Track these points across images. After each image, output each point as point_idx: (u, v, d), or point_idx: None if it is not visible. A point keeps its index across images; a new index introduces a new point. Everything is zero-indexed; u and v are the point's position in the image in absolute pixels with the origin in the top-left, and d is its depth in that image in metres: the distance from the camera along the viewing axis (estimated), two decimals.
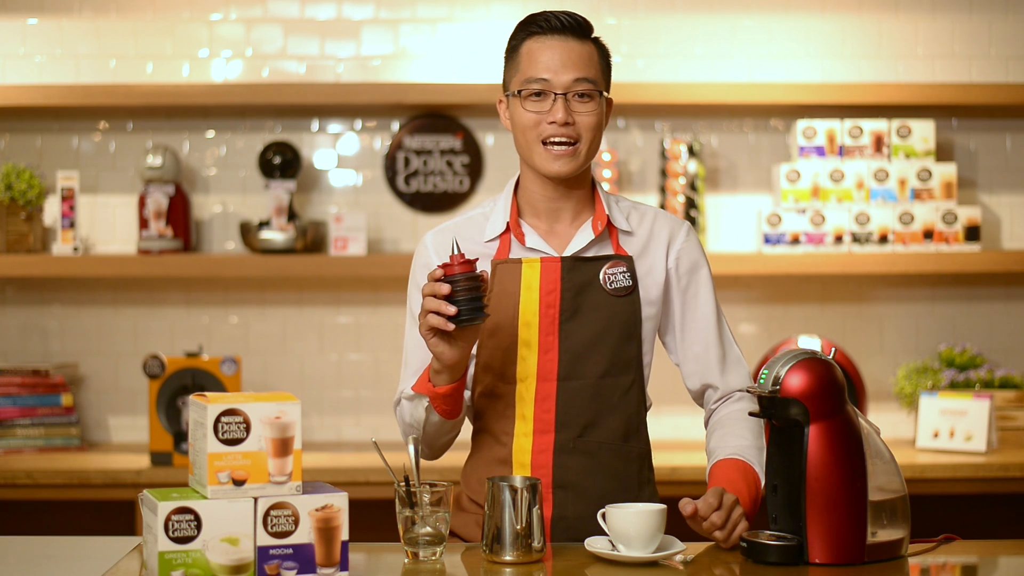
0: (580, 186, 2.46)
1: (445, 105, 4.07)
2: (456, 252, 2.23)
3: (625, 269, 2.43)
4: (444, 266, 2.22)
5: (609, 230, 2.46)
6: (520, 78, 2.40)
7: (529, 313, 2.40)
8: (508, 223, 2.45)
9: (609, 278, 2.42)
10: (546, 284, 2.41)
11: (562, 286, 2.41)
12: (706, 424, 2.55)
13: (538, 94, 2.38)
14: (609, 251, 2.45)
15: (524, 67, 2.40)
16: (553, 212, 2.46)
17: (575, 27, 2.40)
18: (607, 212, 2.45)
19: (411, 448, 2.26)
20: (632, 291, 2.43)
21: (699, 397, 2.56)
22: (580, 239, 2.44)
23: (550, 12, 2.41)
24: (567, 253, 2.43)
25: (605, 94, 2.42)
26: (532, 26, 2.41)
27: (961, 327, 4.25)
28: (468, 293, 2.21)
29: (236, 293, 4.21)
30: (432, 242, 2.51)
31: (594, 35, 2.44)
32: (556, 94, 2.37)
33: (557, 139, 2.38)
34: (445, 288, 2.20)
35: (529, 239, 2.44)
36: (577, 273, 2.41)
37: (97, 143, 4.21)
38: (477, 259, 2.27)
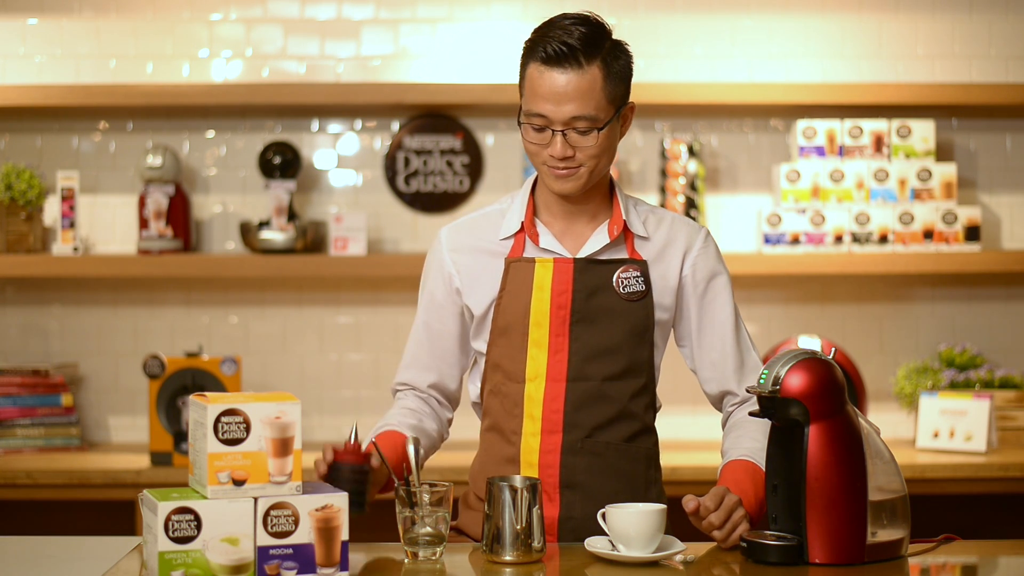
0: (597, 190, 2.44)
1: (445, 105, 4.07)
2: (353, 440, 2.24)
3: (639, 274, 2.42)
4: (335, 451, 2.23)
5: (625, 234, 2.45)
6: (524, 106, 2.36)
7: (540, 313, 2.40)
8: (523, 222, 2.45)
9: (623, 282, 2.41)
10: (558, 285, 2.41)
11: (574, 287, 2.40)
12: (723, 426, 2.55)
13: (539, 128, 2.35)
14: (623, 255, 2.44)
15: (527, 95, 2.35)
16: (570, 213, 2.45)
17: (574, 57, 2.30)
18: (624, 216, 2.44)
19: (411, 448, 2.26)
20: (645, 296, 2.42)
21: (718, 402, 2.56)
22: (595, 242, 2.43)
23: (555, 35, 2.31)
24: (581, 255, 2.43)
25: (604, 127, 2.33)
26: (537, 50, 2.33)
27: (961, 327, 4.25)
28: (350, 485, 2.19)
29: (236, 293, 4.21)
30: (446, 238, 2.51)
31: (603, 49, 2.34)
32: (554, 130, 2.33)
33: (559, 168, 2.37)
34: (323, 469, 2.22)
35: (543, 239, 2.44)
36: (590, 275, 2.41)
37: (97, 143, 4.21)
38: (371, 453, 2.24)
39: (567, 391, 2.40)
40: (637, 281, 2.42)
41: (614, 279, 2.41)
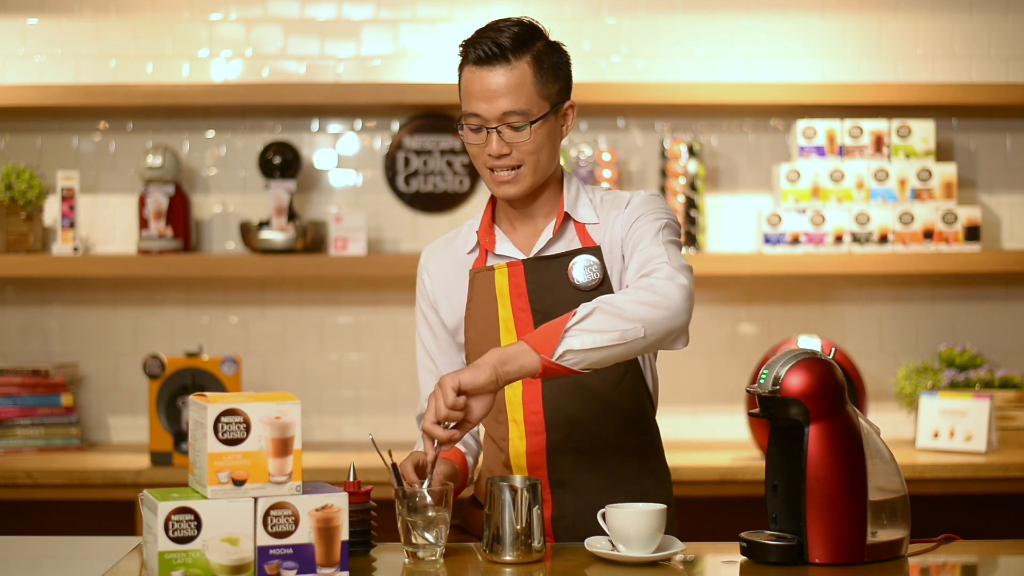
0: (545, 188, 2.44)
1: (445, 105, 4.07)
2: (352, 479, 2.24)
3: (594, 261, 2.40)
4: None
5: (575, 224, 2.44)
6: (462, 109, 2.39)
7: (507, 320, 2.41)
8: (479, 232, 2.46)
9: (577, 273, 2.40)
10: (514, 288, 2.41)
11: (528, 288, 2.41)
12: None
13: (476, 128, 2.37)
14: (576, 245, 2.43)
15: (464, 97, 2.38)
16: (524, 216, 2.46)
17: (502, 55, 2.33)
18: (568, 207, 2.43)
19: (431, 453, 2.23)
20: (602, 283, 2.40)
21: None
22: (542, 239, 2.43)
23: (488, 36, 2.35)
24: (531, 254, 2.43)
25: (537, 121, 2.34)
26: (469, 53, 2.37)
27: (961, 327, 4.25)
28: (354, 527, 2.18)
29: (236, 293, 4.21)
30: (425, 259, 2.55)
31: (534, 47, 2.35)
32: (488, 128, 2.35)
33: (498, 168, 2.38)
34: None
35: (499, 246, 2.45)
36: (541, 273, 2.41)
37: (97, 143, 4.21)
38: (371, 489, 2.24)
39: (543, 391, 2.40)
40: (592, 270, 2.40)
41: (568, 272, 2.40)
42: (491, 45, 2.33)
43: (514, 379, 2.16)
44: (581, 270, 2.40)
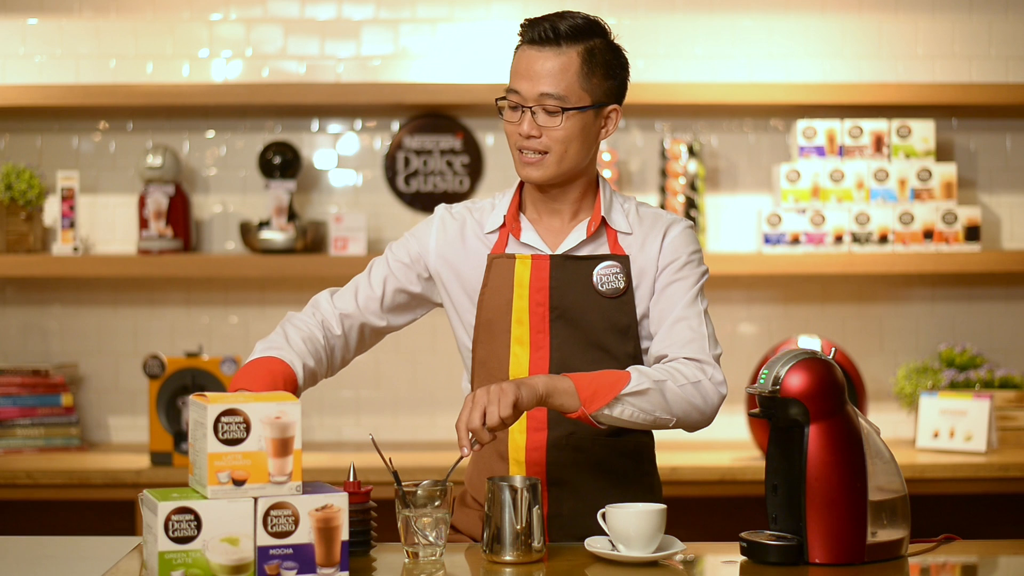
0: (574, 187, 2.44)
1: (445, 105, 4.07)
2: (352, 479, 2.24)
3: (619, 270, 2.41)
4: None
5: (607, 230, 2.45)
6: (508, 86, 2.41)
7: (520, 310, 2.40)
8: (506, 217, 2.45)
9: (602, 279, 2.41)
10: (535, 281, 2.41)
11: (551, 284, 2.40)
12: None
13: (513, 106, 2.39)
14: (604, 250, 2.44)
15: (510, 75, 2.41)
16: (551, 210, 2.46)
17: (552, 40, 2.35)
18: (604, 212, 2.44)
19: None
20: (625, 292, 2.41)
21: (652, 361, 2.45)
22: (573, 238, 2.43)
23: (542, 18, 2.38)
24: (560, 251, 2.43)
25: (572, 109, 2.35)
26: (525, 32, 2.40)
27: (961, 327, 4.25)
28: (354, 527, 2.18)
29: (236, 293, 4.21)
30: (439, 219, 2.50)
31: (590, 41, 2.38)
32: (524, 107, 2.37)
33: (526, 149, 2.38)
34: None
35: (525, 235, 2.44)
36: (567, 272, 2.41)
37: (97, 143, 4.21)
38: (371, 489, 2.24)
39: None
40: (617, 278, 2.40)
41: (594, 276, 2.41)
42: (548, 28, 2.36)
43: (549, 408, 2.26)
44: (607, 277, 2.40)
